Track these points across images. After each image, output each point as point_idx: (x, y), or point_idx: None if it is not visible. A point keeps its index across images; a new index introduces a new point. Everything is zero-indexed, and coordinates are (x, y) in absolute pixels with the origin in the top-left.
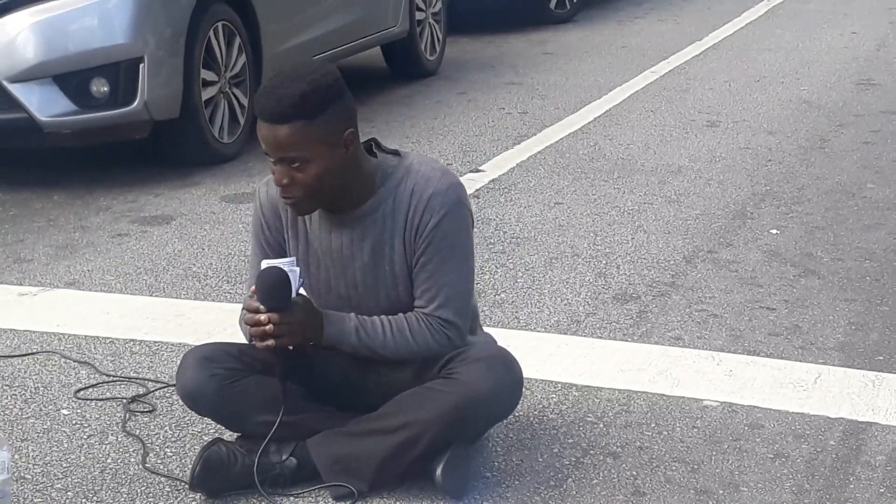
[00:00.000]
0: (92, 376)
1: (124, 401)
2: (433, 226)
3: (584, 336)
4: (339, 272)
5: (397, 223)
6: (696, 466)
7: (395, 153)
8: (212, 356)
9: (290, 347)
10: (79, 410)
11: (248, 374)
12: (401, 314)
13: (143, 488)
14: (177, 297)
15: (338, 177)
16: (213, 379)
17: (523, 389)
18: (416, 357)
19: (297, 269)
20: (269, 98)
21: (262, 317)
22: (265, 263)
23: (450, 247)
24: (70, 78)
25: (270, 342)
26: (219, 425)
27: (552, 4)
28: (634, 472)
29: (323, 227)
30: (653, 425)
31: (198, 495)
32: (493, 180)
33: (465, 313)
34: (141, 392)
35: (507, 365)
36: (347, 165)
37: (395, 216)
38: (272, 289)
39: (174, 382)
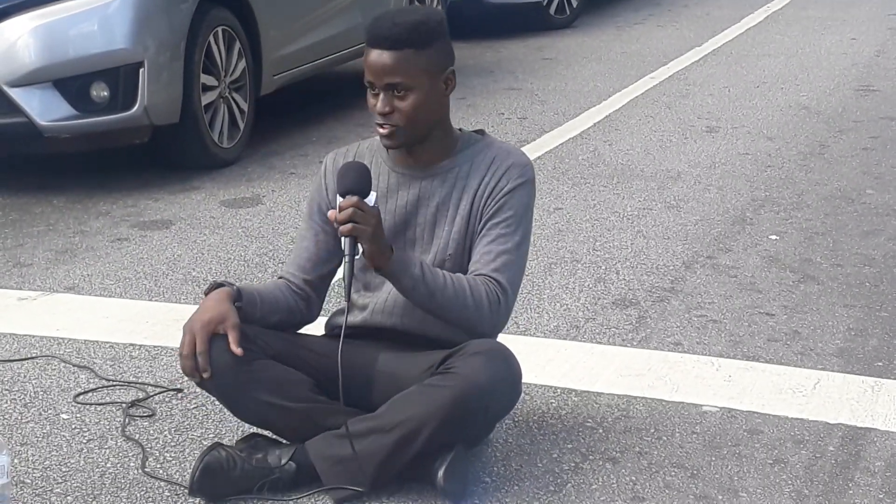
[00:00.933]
0: (91, 381)
1: (124, 405)
2: (507, 191)
3: (584, 341)
4: (400, 229)
5: (470, 184)
6: (695, 472)
7: (481, 132)
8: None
9: (361, 248)
10: (78, 415)
11: (260, 357)
12: (459, 274)
13: (142, 493)
14: (176, 302)
15: (432, 113)
16: (227, 354)
17: (522, 392)
18: (466, 317)
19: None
20: (384, 24)
21: (349, 199)
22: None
23: (516, 217)
24: (70, 83)
25: (349, 226)
26: (217, 430)
27: (552, 10)
28: (634, 478)
29: (391, 185)
30: (652, 430)
31: (197, 500)
32: None
33: (517, 287)
34: (140, 396)
35: (504, 359)
36: (442, 107)
37: (468, 178)
38: (356, 173)
39: (174, 387)
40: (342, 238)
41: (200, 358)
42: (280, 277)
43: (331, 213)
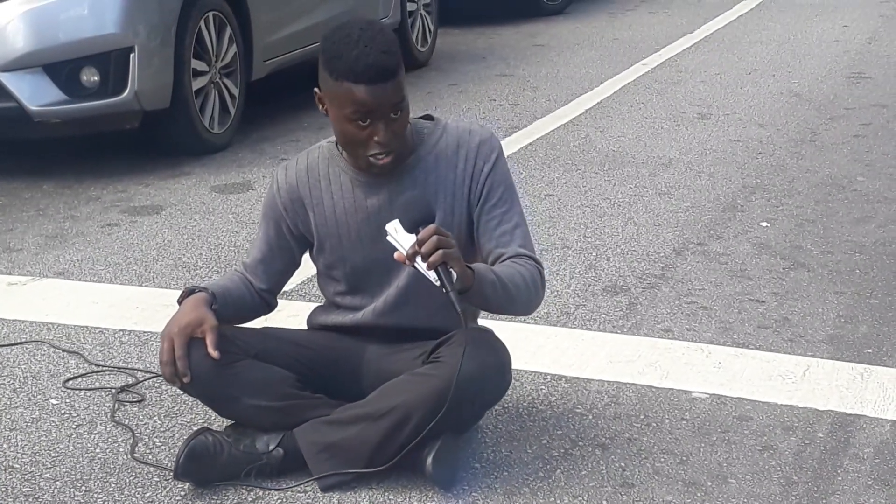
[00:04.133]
0: (81, 366)
1: (113, 390)
2: (489, 171)
3: (574, 328)
4: (375, 236)
5: (442, 176)
6: (684, 458)
7: (429, 117)
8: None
9: (454, 273)
10: (67, 400)
11: (241, 358)
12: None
13: (131, 478)
14: (166, 288)
15: (409, 123)
16: (207, 359)
17: (512, 380)
18: (528, 300)
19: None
20: (374, 57)
21: (428, 229)
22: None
23: (507, 190)
24: (60, 67)
25: (439, 254)
26: (207, 416)
27: None
28: (623, 464)
29: (357, 195)
30: (642, 417)
31: (185, 485)
32: None
33: (536, 253)
34: (130, 382)
35: (493, 347)
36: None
37: (439, 170)
38: (420, 206)
39: None
40: (431, 271)
41: (179, 363)
42: (239, 272)
43: (397, 255)
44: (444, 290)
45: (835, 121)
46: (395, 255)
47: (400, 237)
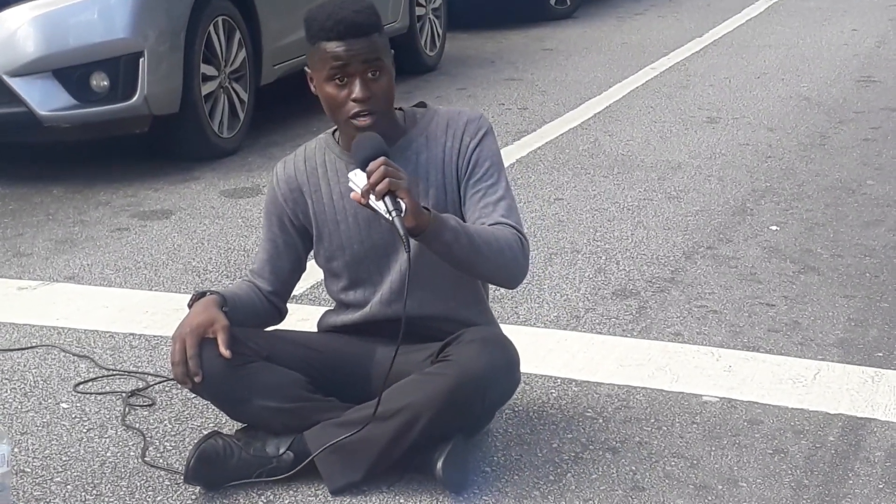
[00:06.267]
0: (91, 370)
1: (124, 395)
2: (474, 146)
3: (584, 331)
4: (370, 218)
5: (432, 154)
6: (695, 462)
7: (422, 104)
8: None
9: (403, 204)
10: (78, 404)
11: (253, 360)
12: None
13: (142, 482)
14: (176, 292)
15: (393, 95)
16: (219, 360)
17: (522, 383)
18: (502, 262)
19: None
20: (343, 14)
21: (375, 161)
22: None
23: (494, 166)
24: (70, 72)
25: (386, 182)
26: (217, 420)
27: (552, 1)
28: (634, 468)
29: None
30: (652, 421)
31: (196, 489)
32: None
33: (522, 226)
34: (140, 386)
35: (502, 346)
36: (394, 88)
37: (428, 150)
38: (371, 141)
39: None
40: (382, 201)
41: (191, 362)
42: (247, 280)
43: (353, 195)
44: (390, 218)
45: (844, 124)
46: (352, 195)
47: (359, 179)
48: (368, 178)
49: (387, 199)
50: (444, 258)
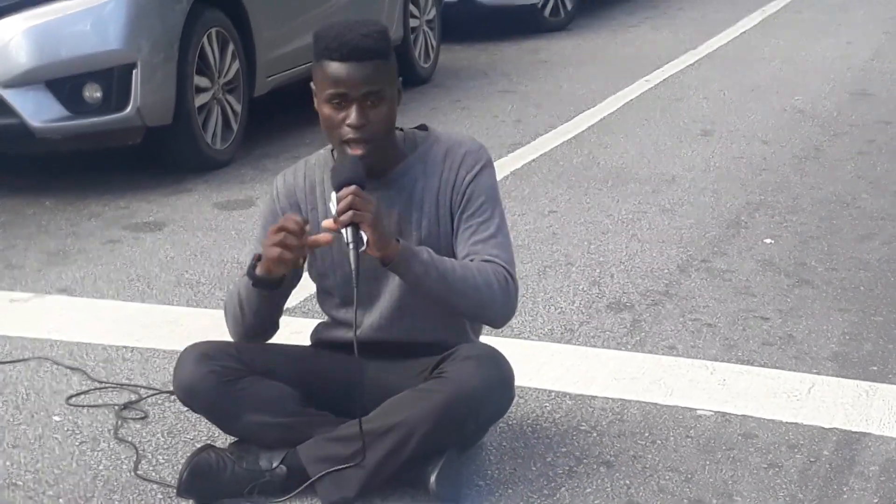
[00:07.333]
0: (84, 383)
1: (116, 407)
2: (470, 180)
3: (578, 345)
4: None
5: (429, 184)
6: (689, 476)
7: (423, 127)
8: (211, 353)
9: (364, 237)
10: (70, 417)
11: (246, 374)
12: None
13: (134, 495)
14: (169, 304)
15: (393, 123)
16: (212, 375)
17: (516, 397)
18: (478, 299)
19: None
20: (350, 36)
21: (345, 190)
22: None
23: (489, 202)
24: (63, 83)
25: (349, 214)
26: (210, 433)
27: (546, 12)
28: (628, 482)
29: None
30: (646, 434)
31: (189, 502)
32: None
33: (514, 266)
34: (133, 399)
35: (496, 362)
36: (395, 116)
37: (426, 178)
38: (350, 165)
39: (167, 389)
40: (344, 231)
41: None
42: None
43: (325, 222)
44: (349, 247)
45: (839, 138)
46: (324, 222)
47: (334, 202)
48: (337, 203)
49: (349, 229)
50: (415, 291)
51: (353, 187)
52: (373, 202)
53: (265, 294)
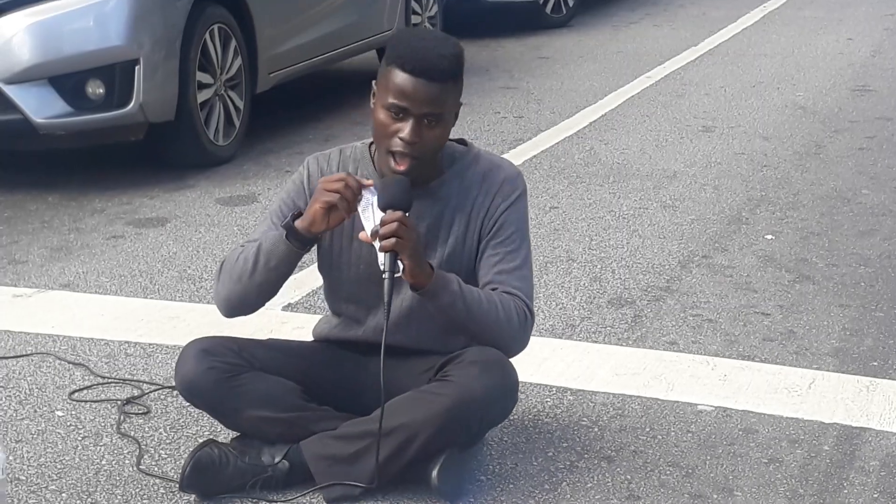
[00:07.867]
0: (86, 378)
1: (119, 402)
2: (504, 208)
3: (579, 340)
4: None
5: (462, 203)
6: (690, 471)
7: (462, 141)
8: (212, 349)
9: (401, 265)
10: (73, 412)
11: (247, 370)
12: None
13: (137, 490)
14: (171, 300)
15: (443, 145)
16: (212, 371)
17: (518, 394)
18: (498, 332)
19: None
20: (429, 55)
21: (393, 213)
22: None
23: (519, 233)
24: (66, 80)
25: (392, 241)
26: (213, 428)
27: (548, 9)
28: (629, 476)
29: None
30: (647, 429)
31: (191, 497)
32: None
33: (532, 299)
34: (136, 394)
35: (502, 368)
36: (448, 137)
37: (460, 197)
38: (399, 187)
39: (169, 384)
40: (382, 254)
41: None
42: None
43: (361, 234)
44: (383, 274)
45: (839, 133)
46: (360, 234)
47: (374, 213)
48: (381, 225)
49: (388, 255)
50: (439, 316)
51: (399, 214)
52: (417, 232)
53: (296, 250)
